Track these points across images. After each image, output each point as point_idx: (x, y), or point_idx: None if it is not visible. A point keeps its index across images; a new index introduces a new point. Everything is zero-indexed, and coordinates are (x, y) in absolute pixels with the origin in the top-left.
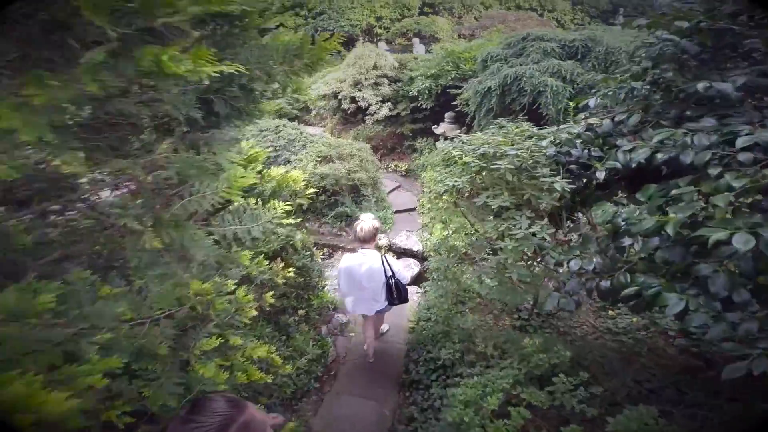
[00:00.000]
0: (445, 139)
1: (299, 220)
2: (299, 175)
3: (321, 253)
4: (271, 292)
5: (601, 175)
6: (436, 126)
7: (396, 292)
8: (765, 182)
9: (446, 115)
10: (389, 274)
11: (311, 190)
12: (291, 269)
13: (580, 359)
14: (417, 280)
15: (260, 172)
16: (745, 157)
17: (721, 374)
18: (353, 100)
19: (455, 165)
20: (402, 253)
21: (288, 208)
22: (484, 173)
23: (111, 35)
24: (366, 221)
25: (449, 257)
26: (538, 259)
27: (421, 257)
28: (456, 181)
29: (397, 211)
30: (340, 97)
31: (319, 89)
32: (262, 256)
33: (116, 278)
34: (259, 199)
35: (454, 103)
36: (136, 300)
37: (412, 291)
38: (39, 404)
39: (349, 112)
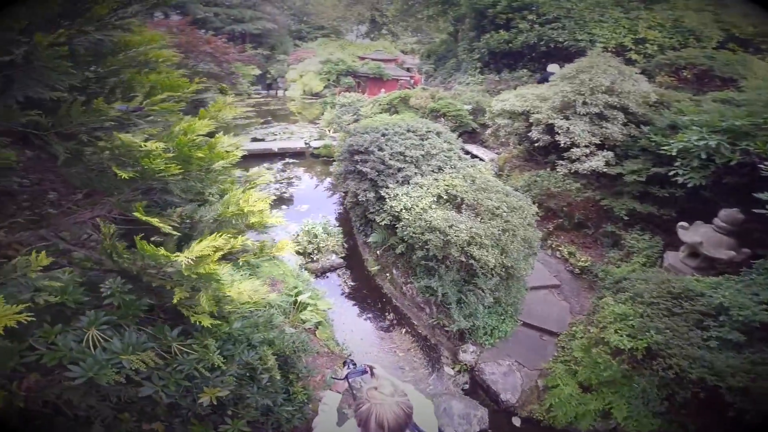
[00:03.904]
0: (695, 256)
1: None
2: None
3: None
4: None
5: None
6: (685, 225)
7: None
8: None
9: (722, 213)
10: None
11: None
12: None
13: None
14: None
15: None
16: None
17: None
18: (550, 129)
19: None
20: (483, 390)
21: None
22: None
23: None
24: (387, 406)
25: None
26: None
27: (505, 410)
28: None
29: (525, 324)
30: (532, 120)
31: (507, 102)
32: None
33: None
34: None
35: (759, 195)
36: None
37: None
38: None
39: (537, 144)
